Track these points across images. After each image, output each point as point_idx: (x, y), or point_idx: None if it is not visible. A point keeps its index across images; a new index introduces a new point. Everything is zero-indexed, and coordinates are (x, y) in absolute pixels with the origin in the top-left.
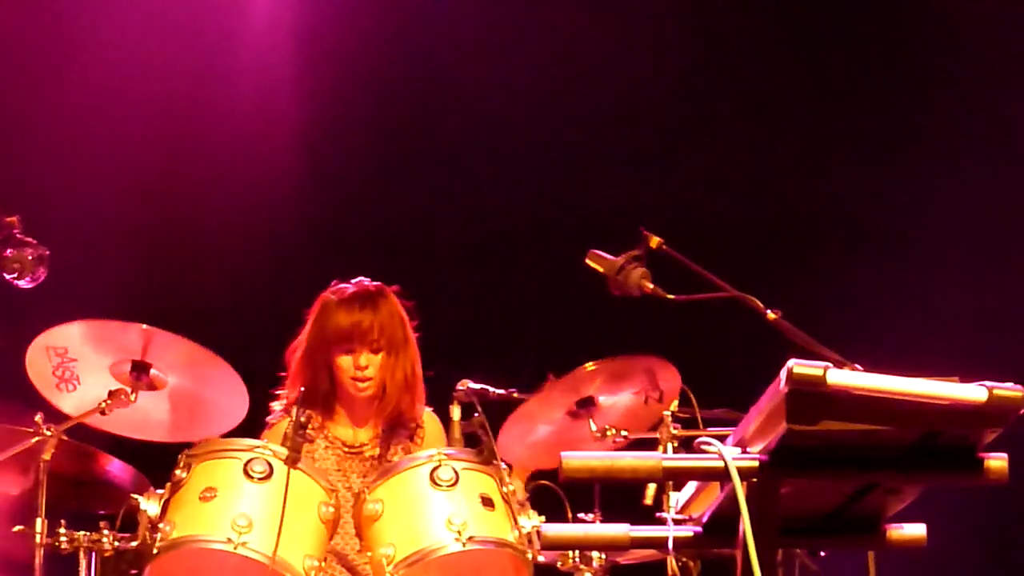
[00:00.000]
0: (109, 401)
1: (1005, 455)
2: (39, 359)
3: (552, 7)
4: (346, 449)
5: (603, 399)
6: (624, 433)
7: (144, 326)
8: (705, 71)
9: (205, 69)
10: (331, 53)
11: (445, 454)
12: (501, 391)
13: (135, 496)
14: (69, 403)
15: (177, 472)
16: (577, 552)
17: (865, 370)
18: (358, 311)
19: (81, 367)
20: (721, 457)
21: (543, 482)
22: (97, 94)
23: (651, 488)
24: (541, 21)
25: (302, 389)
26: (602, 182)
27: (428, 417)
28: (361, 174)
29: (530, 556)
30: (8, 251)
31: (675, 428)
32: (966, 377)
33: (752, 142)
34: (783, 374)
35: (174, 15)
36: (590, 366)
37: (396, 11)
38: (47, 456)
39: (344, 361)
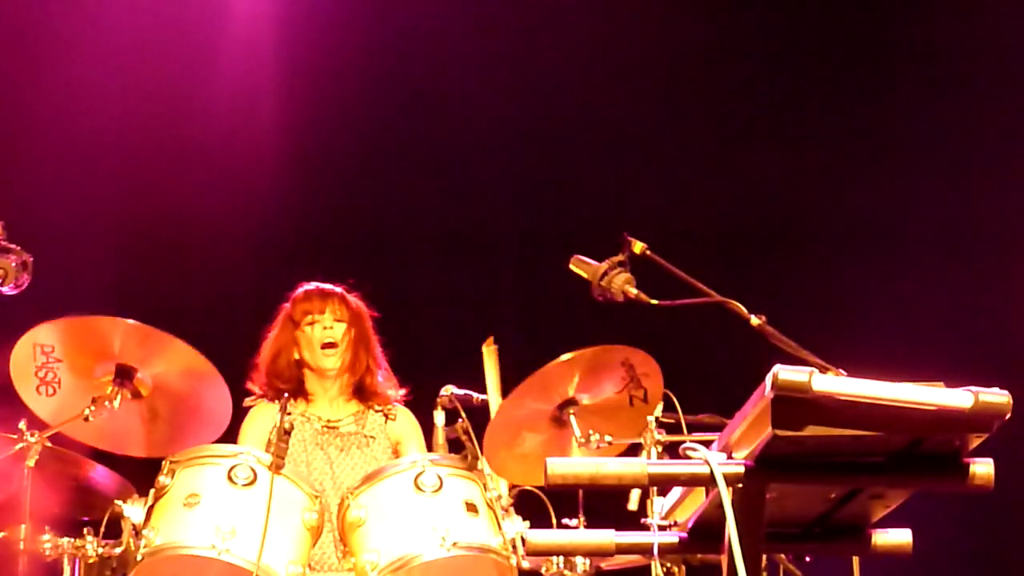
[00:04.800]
0: (93, 407)
1: (991, 460)
2: (25, 357)
3: (534, 12)
4: (323, 422)
5: (585, 399)
6: (608, 438)
7: (132, 321)
8: (690, 74)
9: (185, 72)
10: (312, 54)
11: (429, 460)
12: (484, 397)
13: (119, 502)
14: (48, 408)
15: (161, 478)
16: (561, 558)
17: (850, 375)
18: (320, 289)
19: (64, 369)
20: (707, 463)
21: (527, 487)
22: (78, 98)
23: (635, 493)
24: (523, 24)
25: (285, 395)
26: (586, 185)
27: (401, 409)
28: (342, 175)
29: (514, 562)
30: None
31: (659, 433)
32: (952, 382)
33: (737, 147)
34: (768, 380)
35: (153, 20)
36: (565, 357)
37: (378, 11)
38: (31, 462)
39: (311, 330)
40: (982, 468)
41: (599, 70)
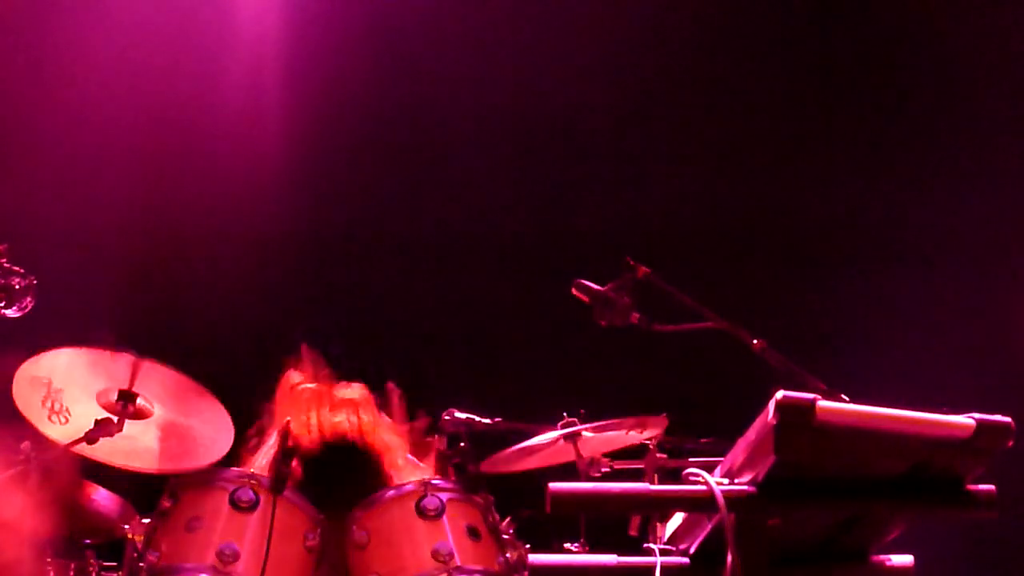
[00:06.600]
0: (95, 429)
1: (993, 487)
2: (25, 391)
3: (535, 21)
4: None
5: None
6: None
7: (133, 356)
8: (695, 84)
9: (191, 89)
10: (317, 55)
11: (431, 484)
12: (487, 421)
13: (122, 525)
14: (61, 434)
15: (163, 501)
16: None
17: (852, 401)
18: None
19: (68, 397)
20: (709, 488)
21: (528, 512)
22: (80, 120)
23: (637, 519)
24: (524, 35)
25: (287, 419)
26: (588, 204)
27: None
28: (348, 180)
29: None
30: None
31: (661, 458)
32: (954, 408)
33: (742, 161)
34: (771, 405)
35: (155, 27)
36: (590, 434)
37: (384, 19)
38: (33, 484)
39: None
40: (985, 494)
41: (604, 78)
